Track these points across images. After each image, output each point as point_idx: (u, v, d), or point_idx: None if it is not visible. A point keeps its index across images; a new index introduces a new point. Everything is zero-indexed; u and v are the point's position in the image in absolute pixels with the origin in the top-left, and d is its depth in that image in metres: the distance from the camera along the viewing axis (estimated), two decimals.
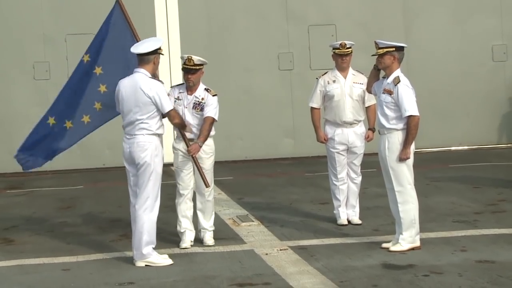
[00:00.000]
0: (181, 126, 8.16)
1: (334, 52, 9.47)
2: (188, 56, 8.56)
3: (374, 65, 8.35)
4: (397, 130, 8.03)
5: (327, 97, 9.45)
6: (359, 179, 9.58)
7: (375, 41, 8.24)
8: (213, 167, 8.72)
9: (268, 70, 16.30)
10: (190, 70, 8.54)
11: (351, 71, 9.48)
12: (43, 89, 15.91)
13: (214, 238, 8.81)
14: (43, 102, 15.99)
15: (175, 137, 8.83)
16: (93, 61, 8.44)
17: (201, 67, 8.58)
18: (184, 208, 8.72)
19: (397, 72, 8.12)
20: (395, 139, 8.03)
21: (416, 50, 16.81)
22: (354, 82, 9.42)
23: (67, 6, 15.99)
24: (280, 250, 8.26)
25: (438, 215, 9.81)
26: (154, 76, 8.01)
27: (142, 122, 7.87)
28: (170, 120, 7.97)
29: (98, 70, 8.43)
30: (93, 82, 8.46)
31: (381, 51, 8.12)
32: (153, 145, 7.88)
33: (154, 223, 7.94)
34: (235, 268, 7.63)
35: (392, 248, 7.99)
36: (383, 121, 8.08)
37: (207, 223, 8.75)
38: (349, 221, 9.45)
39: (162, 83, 7.98)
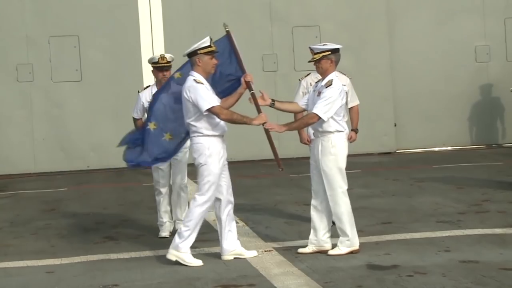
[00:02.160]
0: (232, 121, 7.86)
1: None
2: (161, 55, 9.24)
3: (252, 93, 8.11)
4: (330, 132, 7.97)
5: None
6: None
7: (309, 47, 8.22)
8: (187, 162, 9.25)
9: (252, 72, 16.06)
10: (163, 67, 9.20)
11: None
12: (26, 91, 15.86)
13: (199, 239, 8.81)
14: (26, 104, 15.99)
15: None
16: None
17: (171, 63, 9.22)
18: (166, 203, 9.38)
19: (332, 76, 8.08)
20: (328, 143, 8.00)
21: (399, 51, 16.90)
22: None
23: (50, 8, 15.94)
24: (265, 251, 8.26)
25: (422, 215, 9.84)
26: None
27: (191, 125, 7.86)
28: (218, 117, 7.81)
29: None
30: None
31: (317, 56, 8.10)
32: (203, 146, 7.83)
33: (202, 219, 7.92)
34: (219, 269, 7.62)
35: (331, 252, 8.00)
36: (316, 124, 8.05)
37: (184, 214, 9.13)
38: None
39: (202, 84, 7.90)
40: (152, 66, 9.33)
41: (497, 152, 16.06)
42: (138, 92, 9.62)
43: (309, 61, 8.22)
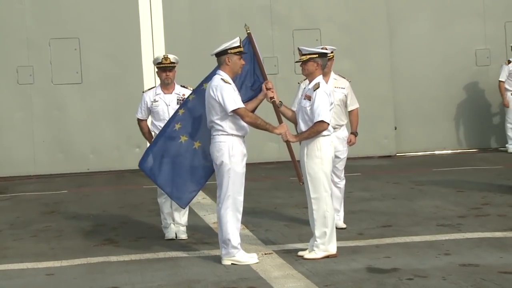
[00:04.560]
0: (255, 125, 7.91)
1: None
2: (164, 55, 9.29)
3: (273, 101, 8.22)
4: (316, 136, 8.00)
5: None
6: (342, 183, 9.57)
7: (298, 48, 8.28)
8: None
9: None
10: (167, 68, 9.26)
11: (332, 75, 9.49)
12: (26, 93, 15.86)
13: (199, 242, 8.84)
14: (26, 106, 15.98)
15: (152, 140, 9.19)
16: None
17: (176, 65, 9.27)
18: (168, 205, 9.27)
19: (319, 79, 8.12)
20: (314, 146, 8.01)
21: (400, 54, 16.90)
22: (335, 87, 9.41)
23: (51, 10, 15.94)
24: (265, 254, 8.27)
25: (422, 219, 9.84)
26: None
27: (215, 123, 7.87)
28: (242, 119, 7.84)
29: None
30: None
31: (304, 57, 8.13)
32: (226, 145, 7.83)
33: (237, 222, 7.89)
34: (219, 272, 7.63)
35: (307, 256, 8.00)
36: (303, 127, 8.07)
37: (182, 219, 9.27)
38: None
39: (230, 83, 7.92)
40: (156, 67, 9.36)
41: (497, 156, 16.05)
42: (143, 92, 9.62)
43: (296, 62, 8.27)
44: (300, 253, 8.12)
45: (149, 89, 9.59)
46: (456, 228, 9.18)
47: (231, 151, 7.85)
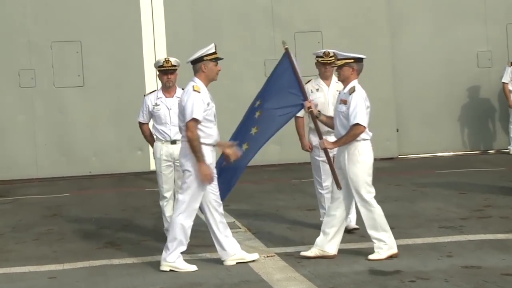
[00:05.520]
0: (190, 143, 7.78)
1: (317, 60, 9.49)
2: (165, 58, 9.25)
3: (310, 111, 8.27)
4: (357, 140, 7.99)
5: None
6: None
7: (334, 52, 8.27)
8: None
9: (254, 77, 16.28)
10: (168, 70, 9.21)
11: (334, 79, 9.41)
12: (28, 96, 15.87)
13: (201, 245, 8.84)
14: (28, 110, 16.00)
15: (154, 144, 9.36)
16: (257, 98, 8.52)
17: (177, 68, 9.24)
18: (170, 208, 9.23)
19: (354, 83, 8.11)
20: (355, 151, 8.01)
21: (401, 57, 16.90)
22: (337, 91, 9.27)
23: (53, 13, 15.95)
24: (267, 257, 8.26)
25: (424, 221, 9.83)
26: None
27: (182, 129, 7.89)
28: (186, 130, 7.79)
29: (257, 103, 8.48)
30: (252, 113, 8.48)
31: (339, 62, 8.12)
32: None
33: (187, 228, 7.89)
34: (221, 275, 7.62)
35: (370, 257, 7.98)
36: (341, 131, 8.06)
37: None
38: (348, 230, 9.14)
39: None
40: (158, 70, 9.36)
41: (500, 158, 16.05)
42: (144, 96, 9.62)
43: (332, 66, 8.25)
44: (370, 256, 7.97)
45: (150, 93, 9.58)
46: (458, 230, 9.17)
47: (195, 158, 7.80)
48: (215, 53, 7.99)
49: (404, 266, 7.61)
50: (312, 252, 8.12)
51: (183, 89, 9.30)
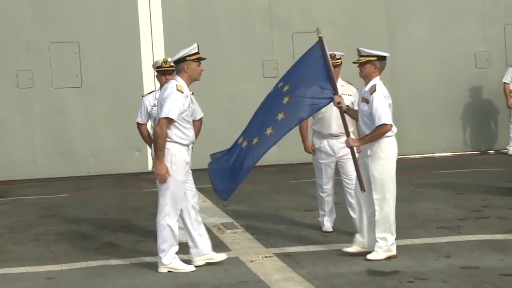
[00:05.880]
0: (154, 140, 7.84)
1: None
2: (164, 59, 9.21)
3: (340, 106, 8.20)
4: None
5: None
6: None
7: (357, 49, 8.25)
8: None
9: (252, 78, 16.32)
10: (166, 71, 9.14)
11: (340, 82, 9.25)
12: (26, 97, 15.87)
13: None
14: (26, 110, 15.99)
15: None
16: (285, 83, 8.40)
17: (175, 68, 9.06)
18: None
19: (375, 81, 8.10)
20: (378, 147, 8.01)
21: (399, 57, 16.89)
22: (342, 94, 9.05)
23: (51, 14, 15.95)
24: (265, 257, 8.26)
25: (422, 221, 9.84)
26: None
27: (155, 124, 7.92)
28: (155, 126, 7.84)
29: (286, 88, 8.37)
30: (279, 97, 8.36)
31: (362, 59, 8.12)
32: (169, 152, 7.79)
33: (174, 228, 7.89)
34: (220, 275, 7.62)
35: (369, 256, 7.99)
36: (365, 130, 8.08)
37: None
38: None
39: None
40: (156, 71, 9.35)
41: (497, 158, 16.06)
42: (142, 96, 9.61)
43: (354, 62, 8.24)
44: (368, 256, 7.99)
45: (148, 93, 9.57)
46: (456, 231, 9.17)
47: (174, 159, 7.80)
48: (197, 53, 8.01)
49: (402, 267, 7.61)
50: (354, 248, 8.13)
51: None
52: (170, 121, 7.74)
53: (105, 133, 15.96)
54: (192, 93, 9.30)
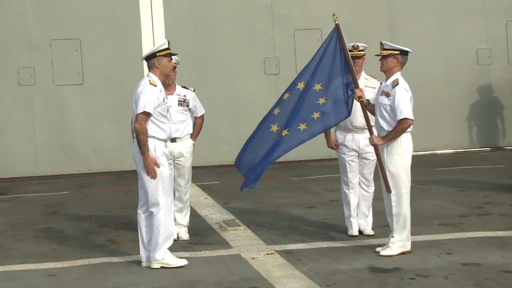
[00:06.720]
0: (137, 136, 7.89)
1: None
2: None
3: (361, 101, 8.20)
4: None
5: None
6: (371, 190, 9.14)
7: (380, 42, 8.23)
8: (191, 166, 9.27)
9: (254, 75, 16.31)
10: None
11: (363, 75, 9.08)
12: (28, 94, 15.87)
13: (201, 242, 8.84)
14: (28, 108, 15.99)
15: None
16: (311, 81, 8.40)
17: (177, 65, 9.17)
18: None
19: (397, 75, 8.11)
20: (394, 143, 7.98)
21: None
22: (366, 86, 8.90)
23: (52, 11, 15.94)
24: (267, 254, 8.26)
25: (424, 218, 9.83)
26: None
27: (133, 121, 7.95)
28: (135, 122, 7.87)
29: (317, 87, 8.36)
30: (312, 97, 8.37)
31: (385, 52, 8.11)
32: (149, 147, 7.83)
33: (169, 222, 7.93)
34: (221, 272, 7.62)
35: (382, 252, 7.98)
36: (382, 123, 8.04)
37: (184, 219, 9.32)
38: (360, 232, 9.04)
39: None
40: None
41: (499, 155, 16.05)
42: None
43: (376, 55, 8.22)
44: (377, 249, 8.03)
45: None
46: (458, 228, 9.17)
47: (153, 154, 7.85)
48: (168, 48, 8.06)
49: (403, 264, 7.61)
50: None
51: (183, 86, 9.34)
52: (147, 115, 7.82)
53: (107, 130, 15.95)
54: (194, 90, 9.34)
